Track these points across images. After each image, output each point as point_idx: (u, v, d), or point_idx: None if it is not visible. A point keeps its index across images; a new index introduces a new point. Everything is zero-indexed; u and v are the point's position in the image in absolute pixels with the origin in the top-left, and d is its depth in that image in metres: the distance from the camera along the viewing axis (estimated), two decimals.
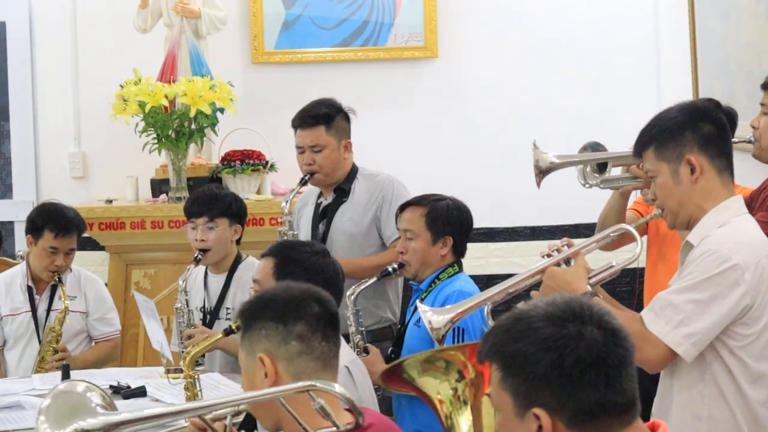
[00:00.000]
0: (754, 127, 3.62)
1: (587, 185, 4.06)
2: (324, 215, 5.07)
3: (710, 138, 3.10)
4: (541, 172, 3.81)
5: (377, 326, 4.84)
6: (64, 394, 2.70)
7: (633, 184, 3.98)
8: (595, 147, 4.00)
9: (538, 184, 3.91)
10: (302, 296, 2.75)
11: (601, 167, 3.94)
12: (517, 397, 1.98)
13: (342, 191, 5.05)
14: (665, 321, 2.97)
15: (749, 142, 3.68)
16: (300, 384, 2.60)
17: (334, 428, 2.59)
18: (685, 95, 5.49)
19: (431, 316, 3.28)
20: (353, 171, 5.09)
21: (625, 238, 3.48)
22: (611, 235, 3.42)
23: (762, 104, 3.57)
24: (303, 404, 2.59)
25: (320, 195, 5.14)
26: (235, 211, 4.88)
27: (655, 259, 4.28)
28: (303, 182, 5.07)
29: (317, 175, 4.99)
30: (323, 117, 4.98)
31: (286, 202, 5.08)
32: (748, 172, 3.93)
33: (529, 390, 1.97)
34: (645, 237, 4.26)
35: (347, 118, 5.08)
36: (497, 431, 2.10)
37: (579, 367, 1.94)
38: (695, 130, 3.09)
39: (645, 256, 4.10)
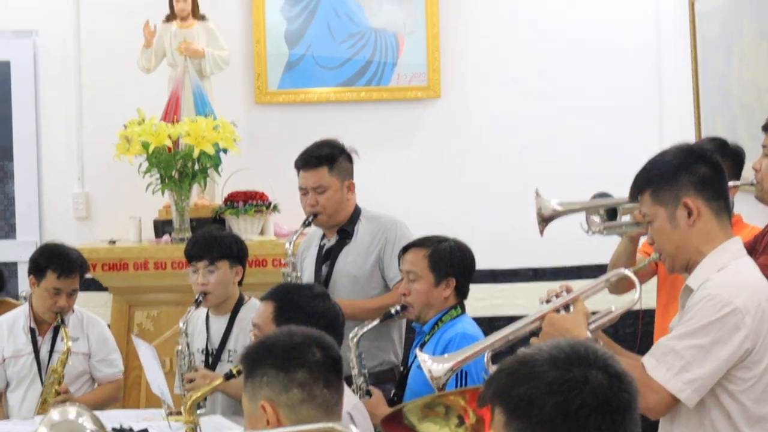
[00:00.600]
0: (756, 170, 3.63)
1: (590, 232, 4.05)
2: (327, 257, 5.06)
3: (706, 180, 3.09)
4: (544, 220, 3.82)
5: (380, 368, 4.81)
6: (60, 423, 2.71)
7: (637, 230, 3.96)
8: (604, 197, 3.99)
9: (541, 232, 3.90)
10: (304, 342, 2.75)
11: (611, 214, 3.92)
12: None
13: (345, 233, 5.04)
14: (667, 367, 2.95)
15: (752, 184, 3.67)
16: (320, 425, 2.61)
17: None
18: (688, 133, 5.52)
19: (431, 365, 3.26)
20: (356, 212, 5.08)
21: (630, 282, 3.45)
22: (610, 279, 3.41)
23: (764, 146, 3.60)
24: None
25: (323, 236, 5.13)
26: (235, 253, 4.86)
27: (665, 301, 4.29)
28: (306, 224, 5.05)
29: (320, 216, 4.98)
30: (326, 158, 4.97)
31: (290, 243, 5.07)
32: (751, 215, 3.93)
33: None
34: (655, 278, 4.26)
35: (350, 159, 5.07)
36: None
37: (584, 411, 1.94)
38: (691, 173, 3.08)
39: (646, 298, 4.09)
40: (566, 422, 1.93)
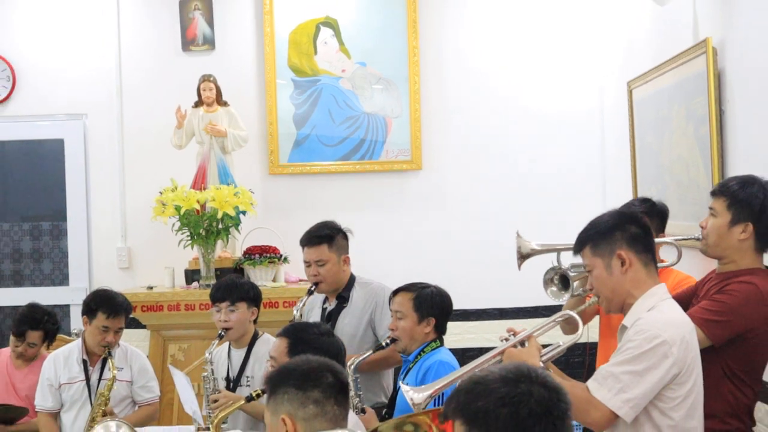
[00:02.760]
0: (702, 227, 3.58)
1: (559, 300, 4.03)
2: (329, 319, 5.06)
3: (636, 237, 3.12)
4: (522, 257, 3.81)
5: (372, 404, 4.75)
6: None
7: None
8: (559, 268, 3.98)
9: (519, 267, 3.88)
10: (319, 368, 2.75)
11: (564, 282, 3.91)
12: None
13: (342, 298, 5.06)
14: (607, 389, 2.97)
15: (698, 239, 3.67)
16: None
17: None
18: (627, 198, 5.50)
19: (413, 394, 3.26)
20: (351, 280, 5.09)
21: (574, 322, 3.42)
22: (557, 320, 3.42)
23: (710, 208, 3.54)
24: None
25: (325, 300, 5.14)
26: (252, 296, 4.85)
27: (604, 335, 4.25)
28: (310, 292, 5.07)
29: (321, 284, 5.00)
30: (326, 237, 5.01)
31: (297, 310, 5.05)
32: (696, 265, 3.92)
33: None
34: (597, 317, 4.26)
35: (346, 237, 5.10)
36: None
37: (531, 418, 1.95)
38: (624, 231, 3.12)
39: (589, 332, 4.09)
40: (517, 428, 1.95)
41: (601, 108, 6.74)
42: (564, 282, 3.92)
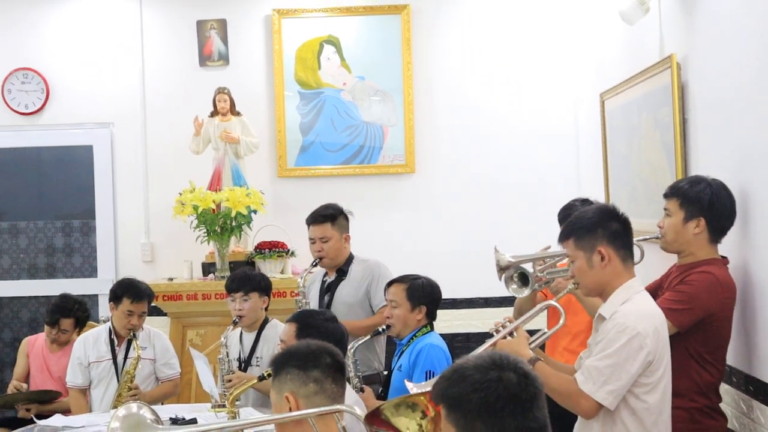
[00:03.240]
0: (660, 227, 3.60)
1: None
2: (328, 290, 5.10)
3: (617, 234, 3.10)
4: (501, 269, 3.78)
5: (369, 372, 4.82)
6: (126, 416, 2.69)
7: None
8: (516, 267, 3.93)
9: (500, 278, 3.83)
10: (318, 350, 2.75)
11: (524, 280, 3.87)
12: (458, 428, 1.99)
13: (342, 272, 5.09)
14: (593, 382, 2.97)
15: (657, 238, 3.69)
16: (333, 407, 2.65)
17: None
18: (599, 199, 5.49)
19: (410, 385, 3.21)
20: (350, 257, 5.14)
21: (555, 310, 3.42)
22: (541, 308, 3.43)
23: (665, 209, 3.57)
24: (325, 428, 2.63)
25: (325, 274, 5.16)
26: (263, 286, 4.89)
27: (568, 309, 4.22)
28: (314, 265, 5.11)
29: (324, 259, 5.04)
30: (329, 216, 5.04)
31: (301, 278, 5.13)
32: (658, 259, 3.92)
33: (467, 423, 1.98)
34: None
35: (347, 218, 5.14)
36: None
37: (500, 402, 1.95)
38: (605, 228, 3.09)
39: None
40: (488, 411, 1.95)
41: (576, 118, 6.73)
42: (523, 279, 3.91)
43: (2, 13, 6.96)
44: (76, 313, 5.64)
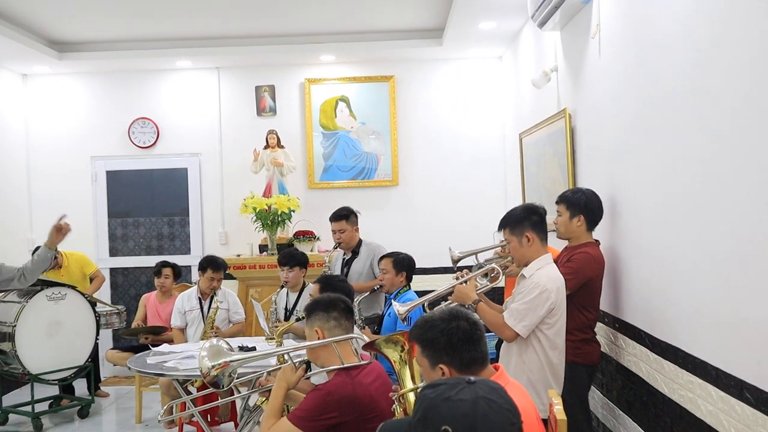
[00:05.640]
0: (555, 224, 3.58)
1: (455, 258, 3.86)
2: (346, 264, 5.08)
3: (537, 223, 3.09)
4: (454, 262, 3.72)
5: (372, 314, 4.79)
6: (211, 346, 2.69)
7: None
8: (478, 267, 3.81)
9: (455, 268, 3.72)
10: (335, 299, 2.75)
11: (485, 276, 3.58)
12: (430, 360, 1.98)
13: (354, 252, 5.08)
14: (514, 318, 2.97)
15: (553, 230, 3.69)
16: (348, 335, 2.65)
17: (358, 362, 2.63)
18: (518, 203, 5.50)
19: (398, 306, 3.28)
20: (359, 242, 5.12)
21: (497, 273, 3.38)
22: (486, 269, 3.39)
23: (557, 211, 3.55)
24: (343, 351, 2.62)
25: (344, 253, 5.14)
26: (302, 261, 4.85)
27: (510, 282, 4.23)
28: (335, 248, 5.12)
29: (342, 244, 5.04)
30: (344, 215, 5.03)
31: (327, 257, 5.11)
32: (558, 243, 3.90)
33: (435, 356, 1.97)
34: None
35: (356, 216, 5.12)
36: (422, 376, 2.09)
37: (459, 342, 1.95)
38: (530, 219, 3.09)
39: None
40: (451, 349, 1.95)
41: (504, 149, 6.72)
42: (485, 276, 3.91)
43: (130, 82, 6.94)
44: (174, 267, 5.68)
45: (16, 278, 4.26)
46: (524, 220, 3.09)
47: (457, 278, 3.27)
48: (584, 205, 3.49)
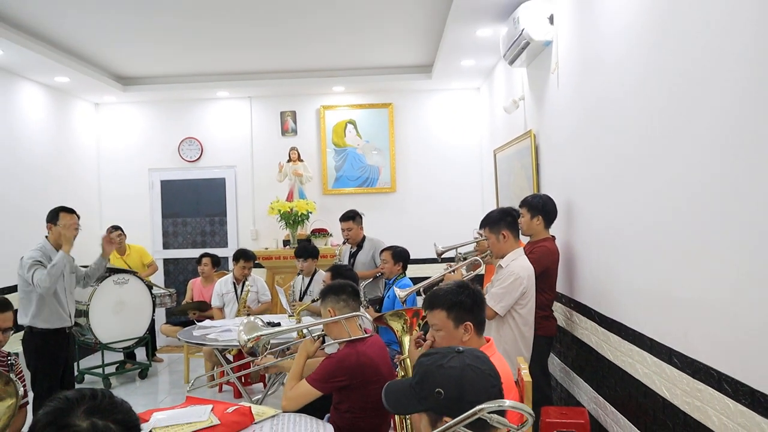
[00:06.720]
0: (520, 223, 3.51)
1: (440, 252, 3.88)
2: (353, 256, 5.04)
3: (511, 223, 3.09)
4: (438, 255, 3.71)
5: (374, 296, 4.77)
6: (246, 323, 2.68)
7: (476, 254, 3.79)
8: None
9: (440, 260, 3.75)
10: (345, 284, 2.74)
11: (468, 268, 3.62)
12: (455, 321, 1.99)
13: (360, 246, 5.04)
14: (494, 300, 2.96)
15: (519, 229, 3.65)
16: (355, 314, 2.63)
17: (363, 335, 2.62)
18: (493, 207, 5.48)
19: (399, 292, 3.27)
20: (364, 237, 5.09)
21: (478, 264, 3.38)
22: (470, 260, 3.39)
23: (521, 213, 3.50)
24: (350, 326, 2.61)
25: (351, 247, 5.11)
26: (314, 253, 4.83)
27: (489, 270, 4.22)
28: (343, 243, 5.09)
29: (349, 240, 5.01)
30: (352, 216, 5.01)
31: (337, 250, 5.11)
32: (524, 239, 3.90)
33: (462, 316, 1.99)
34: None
35: (361, 217, 5.10)
36: (438, 344, 2.01)
37: (480, 302, 2.00)
38: (505, 220, 3.08)
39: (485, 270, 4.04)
40: (477, 307, 1.99)
41: (480, 163, 6.68)
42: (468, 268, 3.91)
43: (179, 108, 6.93)
44: (213, 257, 5.66)
45: (80, 281, 4.27)
46: (501, 221, 3.07)
47: (446, 268, 3.29)
48: (542, 208, 3.45)
